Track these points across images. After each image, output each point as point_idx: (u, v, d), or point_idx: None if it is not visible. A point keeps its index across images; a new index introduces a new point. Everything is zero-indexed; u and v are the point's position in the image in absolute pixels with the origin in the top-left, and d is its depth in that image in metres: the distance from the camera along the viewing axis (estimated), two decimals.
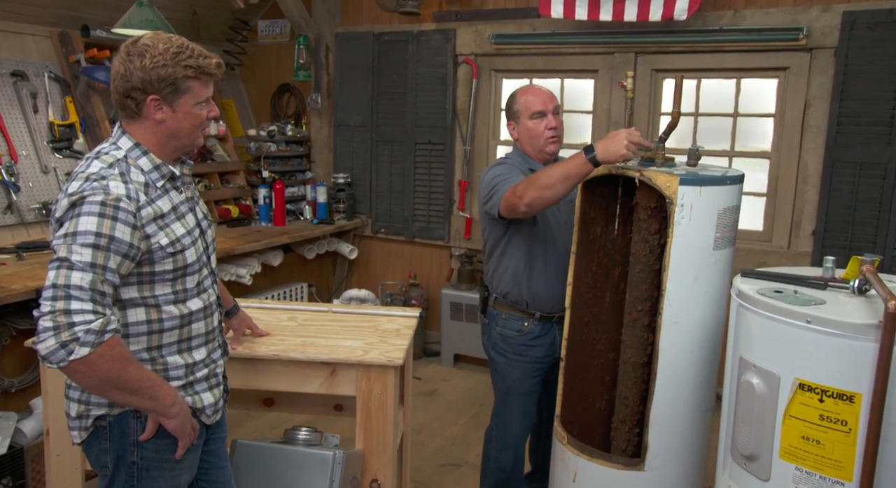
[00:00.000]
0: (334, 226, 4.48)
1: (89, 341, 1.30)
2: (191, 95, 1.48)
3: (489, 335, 2.40)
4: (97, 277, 1.34)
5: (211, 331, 1.63)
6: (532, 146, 2.31)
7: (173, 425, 1.49)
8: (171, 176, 1.53)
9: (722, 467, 1.61)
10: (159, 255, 1.46)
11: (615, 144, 1.88)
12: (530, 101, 2.29)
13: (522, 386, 2.35)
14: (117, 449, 1.52)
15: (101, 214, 1.36)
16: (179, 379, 1.55)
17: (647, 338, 2.01)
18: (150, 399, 1.44)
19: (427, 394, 3.77)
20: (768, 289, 1.51)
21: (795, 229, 3.42)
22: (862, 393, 1.28)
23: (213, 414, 1.65)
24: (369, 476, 2.16)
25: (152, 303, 1.48)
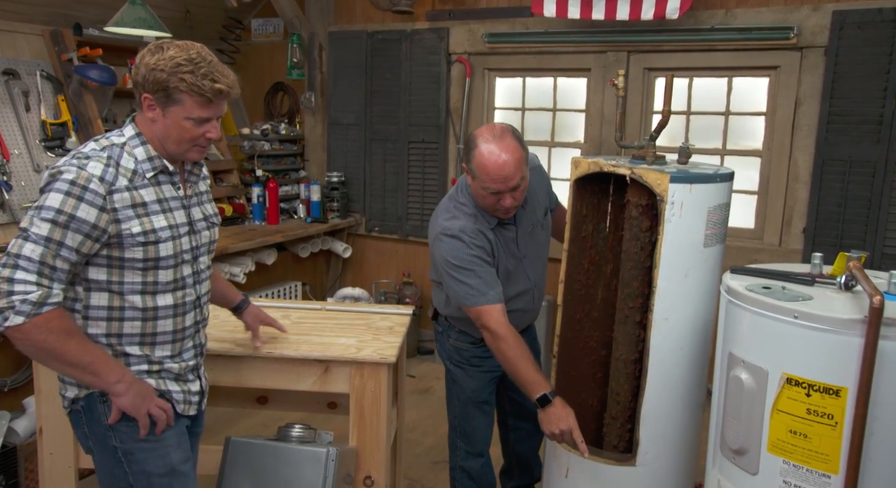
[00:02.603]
0: (328, 224, 4.49)
1: (24, 311, 1.35)
2: (181, 108, 1.49)
3: (443, 345, 2.35)
4: (48, 251, 1.38)
5: (180, 329, 1.63)
6: (483, 206, 2.04)
7: (123, 403, 1.50)
8: (162, 169, 1.55)
9: (711, 462, 1.62)
10: (129, 242, 1.48)
11: (556, 423, 1.88)
12: (488, 178, 1.93)
13: (481, 395, 2.31)
14: (95, 433, 1.55)
15: (68, 193, 1.40)
16: (141, 367, 1.56)
17: (639, 335, 2.02)
18: (91, 374, 1.46)
19: (421, 392, 3.78)
20: (757, 285, 1.52)
21: (786, 227, 3.44)
22: (848, 388, 1.30)
23: (183, 403, 1.65)
24: (363, 473, 2.17)
25: (116, 289, 1.51)
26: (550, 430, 1.89)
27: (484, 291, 1.97)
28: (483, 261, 2.00)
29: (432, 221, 2.13)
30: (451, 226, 2.01)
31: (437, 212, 2.12)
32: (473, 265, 1.98)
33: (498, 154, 1.92)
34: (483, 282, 1.97)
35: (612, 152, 3.75)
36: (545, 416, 1.90)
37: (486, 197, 1.98)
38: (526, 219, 2.17)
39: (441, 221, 2.05)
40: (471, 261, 1.98)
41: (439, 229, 2.04)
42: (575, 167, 2.10)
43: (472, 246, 1.99)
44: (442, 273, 2.04)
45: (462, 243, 1.99)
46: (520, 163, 1.94)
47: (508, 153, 1.92)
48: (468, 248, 1.99)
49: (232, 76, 1.54)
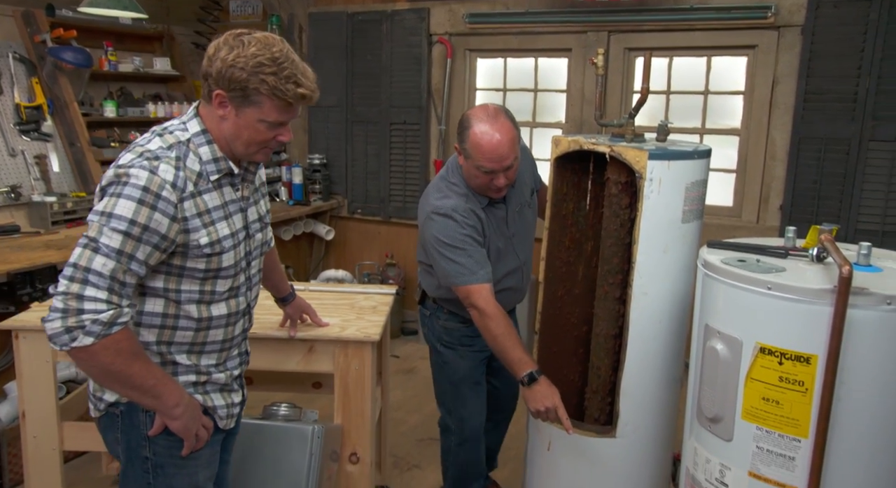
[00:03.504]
0: (310, 207, 4.48)
1: (94, 331, 1.26)
2: (258, 110, 1.37)
3: (431, 327, 2.31)
4: (120, 266, 1.28)
5: (229, 339, 1.55)
6: (475, 186, 2.06)
7: (177, 426, 1.44)
8: (228, 172, 1.45)
9: (689, 431, 1.67)
10: (195, 253, 1.39)
11: (541, 401, 1.88)
12: (483, 157, 1.94)
13: (474, 375, 2.29)
14: (129, 440, 1.48)
15: (141, 201, 1.29)
16: (189, 378, 1.50)
17: (619, 310, 2.06)
18: (152, 397, 1.39)
19: (405, 372, 3.81)
20: (732, 258, 1.56)
21: (764, 204, 3.50)
22: (818, 355, 1.34)
23: (226, 418, 1.59)
24: (348, 449, 2.20)
25: (173, 298, 1.42)
26: (535, 408, 1.90)
27: (474, 270, 1.97)
28: (474, 240, 2.00)
29: (422, 201, 2.12)
30: (442, 205, 2.01)
31: (428, 192, 2.10)
32: (465, 244, 1.98)
33: (492, 133, 1.93)
34: (473, 260, 1.97)
35: (593, 132, 3.77)
36: (531, 394, 1.91)
37: (480, 176, 1.99)
38: (515, 199, 2.19)
39: (432, 200, 2.04)
40: (462, 239, 1.98)
41: (430, 208, 2.02)
42: (555, 146, 2.12)
43: (464, 225, 1.99)
44: (432, 252, 2.03)
45: (454, 222, 1.99)
46: (513, 142, 1.96)
47: (502, 133, 1.94)
48: (460, 227, 1.99)
49: (313, 77, 1.41)
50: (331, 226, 4.67)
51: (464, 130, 1.99)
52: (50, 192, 3.61)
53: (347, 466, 2.20)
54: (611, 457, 2.02)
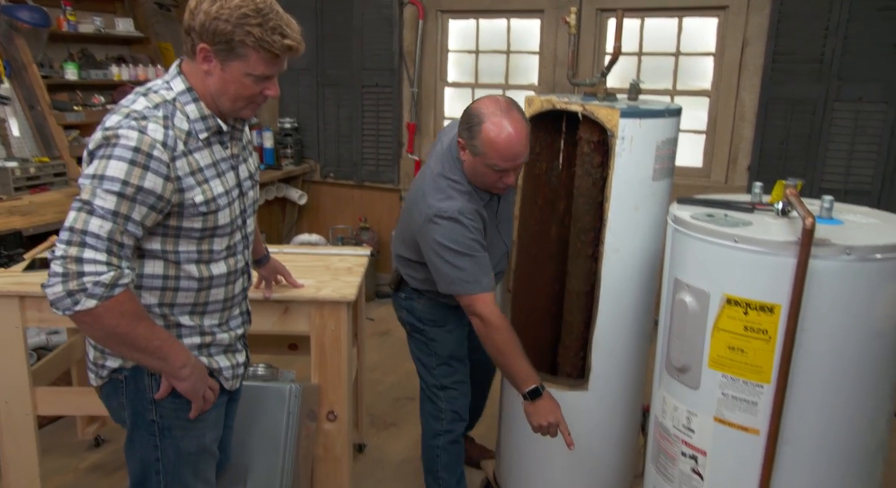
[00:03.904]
0: (282, 171, 4.44)
1: (97, 294, 1.24)
2: (244, 64, 1.34)
3: (411, 309, 2.18)
4: (117, 227, 1.27)
5: (230, 298, 1.54)
6: (480, 184, 1.93)
7: (184, 387, 1.43)
8: (217, 129, 1.42)
9: (658, 382, 1.72)
10: (190, 212, 1.37)
11: (545, 416, 1.83)
12: (497, 155, 1.81)
13: (462, 349, 2.20)
14: (134, 405, 1.47)
15: (133, 162, 1.27)
16: (193, 340, 1.49)
17: (591, 268, 2.10)
18: (159, 359, 1.38)
19: (381, 335, 3.84)
20: (701, 213, 1.59)
21: (732, 165, 3.56)
22: (781, 305, 1.39)
23: (231, 379, 1.59)
24: (326, 408, 2.22)
25: (172, 258, 1.41)
26: (539, 423, 1.84)
27: (478, 278, 1.86)
28: (480, 244, 1.88)
29: (418, 199, 1.93)
30: (447, 208, 1.86)
31: (426, 191, 1.92)
32: (471, 250, 1.85)
33: (508, 131, 1.79)
34: (478, 268, 1.86)
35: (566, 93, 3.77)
36: (535, 409, 1.84)
37: (489, 174, 1.86)
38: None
39: (434, 202, 1.87)
40: (469, 244, 1.85)
41: (433, 211, 1.86)
42: (528, 105, 2.12)
43: (472, 229, 1.86)
44: (432, 256, 1.88)
45: (461, 226, 1.85)
46: (527, 138, 1.84)
47: (518, 129, 1.81)
48: (467, 232, 1.85)
49: (298, 29, 1.39)
50: (303, 191, 4.64)
51: (473, 126, 1.82)
52: (11, 158, 3.51)
53: (325, 424, 2.24)
54: (583, 410, 2.08)
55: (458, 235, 1.85)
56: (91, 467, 2.64)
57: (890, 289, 1.40)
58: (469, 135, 1.84)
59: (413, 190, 2.03)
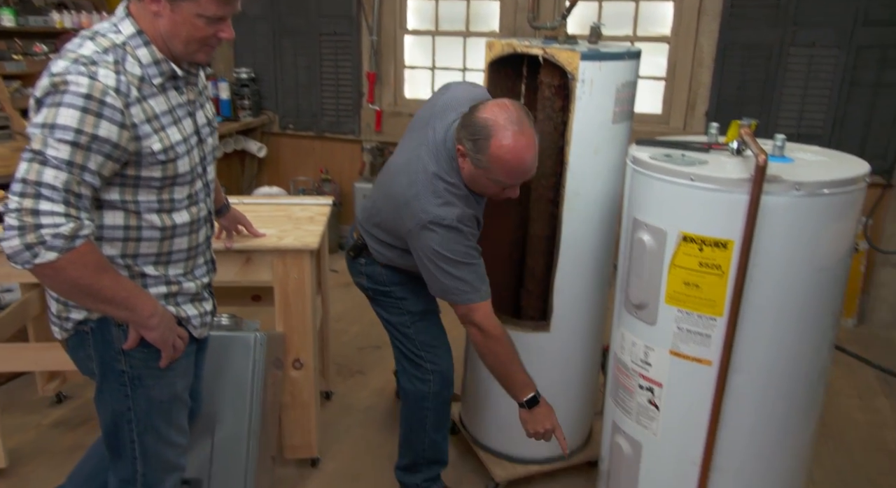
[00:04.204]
0: (240, 123, 4.33)
1: (57, 246, 1.21)
2: (194, 4, 1.29)
3: (372, 274, 2.07)
4: (73, 177, 1.22)
5: (194, 247, 1.52)
6: (478, 192, 1.83)
7: (153, 336, 1.42)
8: (171, 75, 1.37)
9: (617, 320, 1.77)
10: (148, 161, 1.33)
11: (541, 423, 1.81)
12: (506, 173, 1.71)
13: (434, 302, 2.07)
14: (102, 356, 1.45)
15: (85, 109, 1.22)
16: (159, 289, 1.47)
17: (552, 212, 2.12)
18: (126, 309, 1.36)
19: (344, 286, 3.83)
20: (659, 153, 1.62)
21: (690, 111, 3.60)
22: (734, 240, 1.43)
23: (200, 327, 1.58)
24: (291, 356, 2.24)
25: (132, 208, 1.37)
26: (535, 430, 1.82)
27: (477, 287, 1.77)
28: (477, 251, 1.80)
29: (408, 200, 1.78)
30: (445, 216, 1.73)
31: (419, 193, 1.77)
32: (469, 258, 1.76)
33: (522, 150, 1.67)
34: (476, 276, 1.77)
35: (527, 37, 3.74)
36: (532, 417, 1.81)
37: (491, 187, 1.76)
38: None
39: (431, 208, 1.74)
40: (466, 253, 1.75)
41: (429, 217, 1.73)
42: (489, 49, 2.10)
43: (470, 236, 1.77)
44: (427, 264, 1.77)
45: (461, 234, 1.74)
46: (537, 152, 1.73)
47: (530, 146, 1.68)
48: (465, 239, 1.75)
49: None
50: (262, 143, 4.55)
51: (480, 139, 1.68)
52: None
53: (291, 372, 2.25)
54: (546, 350, 2.13)
55: (456, 244, 1.74)
56: (54, 423, 2.62)
57: (836, 223, 1.45)
58: (474, 148, 1.70)
59: (400, 182, 1.83)
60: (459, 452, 2.46)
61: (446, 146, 1.80)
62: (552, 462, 2.31)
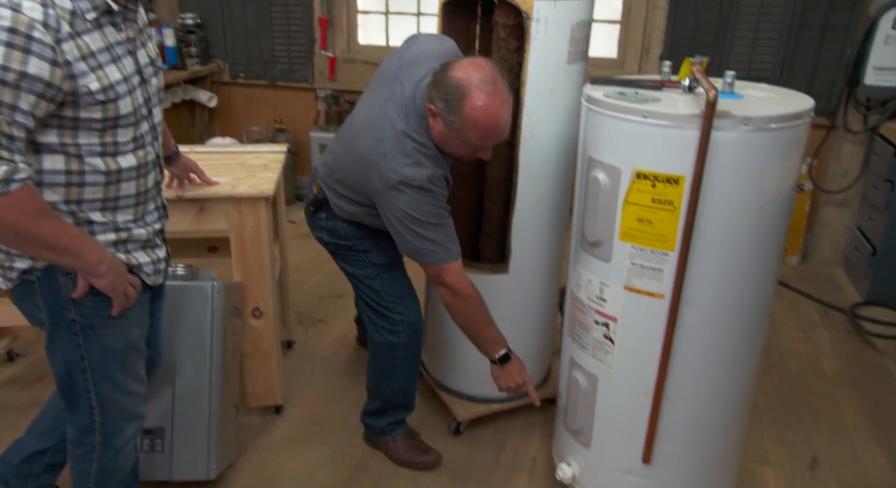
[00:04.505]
0: (188, 71, 4.18)
1: None
2: None
3: (333, 229, 2.03)
4: (3, 118, 1.16)
5: (143, 192, 1.46)
6: (449, 153, 1.80)
7: (103, 284, 1.38)
8: (105, 9, 1.29)
9: (573, 259, 1.81)
10: (86, 101, 1.27)
11: (513, 378, 1.86)
12: (479, 135, 1.68)
13: (398, 252, 2.01)
14: (51, 306, 1.41)
15: (10, 44, 1.14)
16: (108, 236, 1.42)
17: (509, 155, 2.13)
18: (71, 256, 1.32)
19: (303, 237, 3.80)
20: (613, 92, 1.63)
21: (645, 54, 3.61)
22: (685, 176, 1.46)
23: (153, 274, 1.54)
24: (251, 305, 2.23)
25: (73, 152, 1.31)
26: (508, 386, 1.85)
27: (447, 247, 1.76)
28: (447, 211, 1.78)
29: (376, 159, 1.74)
30: (416, 176, 1.70)
31: (387, 152, 1.72)
32: (440, 219, 1.74)
33: (497, 110, 1.64)
34: (447, 237, 1.76)
35: None
36: (503, 373, 1.85)
37: (463, 148, 1.74)
38: None
39: (400, 168, 1.71)
40: (436, 214, 1.74)
41: (399, 178, 1.70)
42: None
43: (440, 196, 1.74)
44: (396, 224, 1.76)
45: (431, 195, 1.72)
46: (511, 114, 1.71)
47: (505, 107, 1.66)
48: (436, 200, 1.73)
49: None
50: (212, 93, 4.40)
51: (453, 100, 1.64)
52: None
53: (251, 321, 2.25)
54: (504, 292, 2.17)
55: (426, 205, 1.72)
56: (7, 381, 2.57)
57: (782, 158, 1.49)
58: (446, 109, 1.66)
59: (366, 139, 1.77)
60: (422, 395, 2.51)
61: (416, 104, 1.75)
62: (512, 400, 2.38)
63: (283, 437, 2.32)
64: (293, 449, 2.26)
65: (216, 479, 2.04)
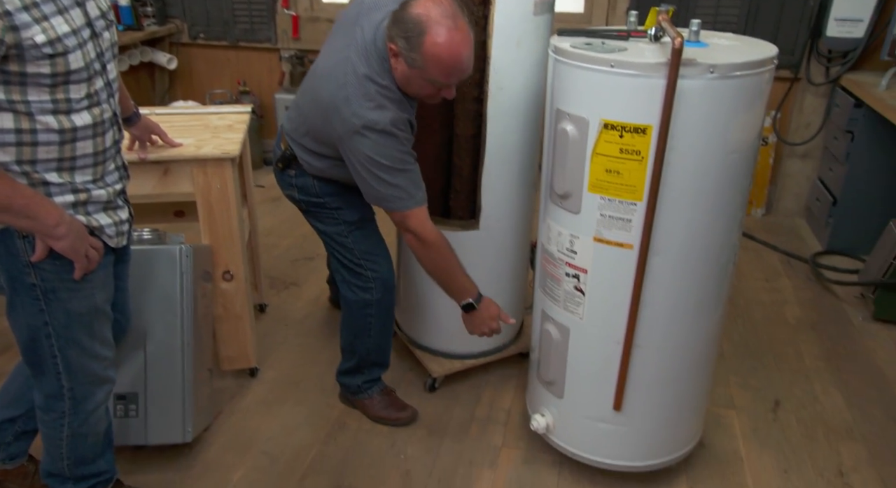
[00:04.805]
0: (144, 32, 4.03)
1: None
2: None
3: (304, 186, 2.00)
4: None
5: (101, 151, 1.42)
6: (412, 94, 1.78)
7: (62, 246, 1.34)
8: None
9: (543, 214, 1.82)
10: (33, 54, 1.21)
11: (487, 323, 1.88)
12: (441, 72, 1.66)
13: (370, 209, 2.04)
14: (9, 270, 1.38)
15: None
16: (66, 198, 1.38)
17: (477, 110, 2.11)
18: (27, 218, 1.28)
19: (272, 201, 3.77)
20: (580, 42, 1.62)
21: (612, 9, 3.58)
22: (652, 125, 1.47)
23: (116, 236, 1.50)
24: (221, 269, 2.20)
25: (23, 109, 1.26)
26: (481, 331, 1.88)
27: (412, 193, 1.74)
28: (412, 156, 1.76)
29: (338, 105, 1.71)
30: (379, 120, 1.68)
31: (349, 96, 1.70)
32: (404, 164, 1.73)
33: (458, 45, 1.62)
34: (412, 182, 1.74)
35: None
36: (476, 318, 1.87)
37: (426, 87, 1.72)
38: None
39: (363, 112, 1.68)
40: (401, 159, 1.72)
41: (362, 122, 1.68)
42: None
43: (404, 141, 1.73)
44: (360, 170, 1.73)
45: (395, 139, 1.70)
46: (473, 49, 1.69)
47: (466, 42, 1.64)
48: (400, 144, 1.71)
49: None
50: (172, 54, 4.27)
51: (413, 36, 1.62)
52: None
53: (222, 284, 2.23)
54: (476, 248, 2.18)
55: (391, 150, 1.70)
56: None
57: (747, 105, 1.51)
58: (407, 46, 1.63)
59: (328, 86, 1.75)
60: (397, 353, 2.53)
61: (376, 46, 1.72)
62: (486, 355, 2.41)
63: (259, 399, 2.33)
64: (269, 411, 2.27)
65: (193, 442, 2.04)
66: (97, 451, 1.66)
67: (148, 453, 2.06)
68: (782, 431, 2.22)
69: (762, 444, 2.16)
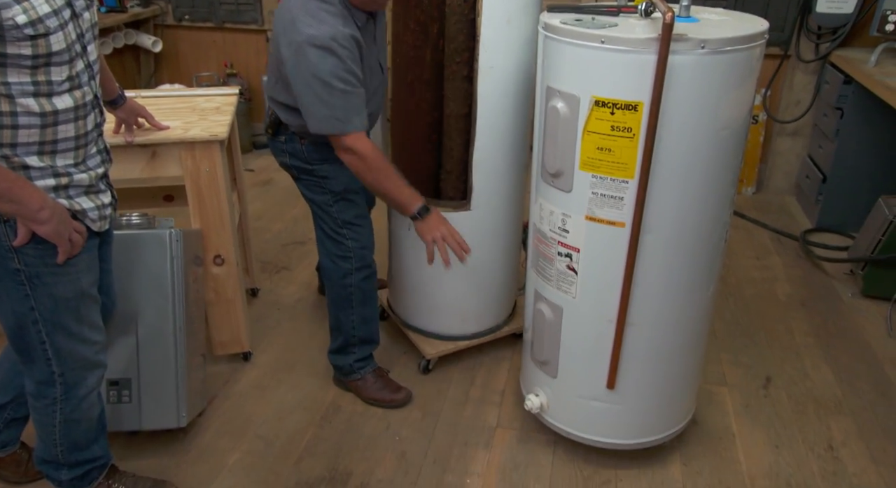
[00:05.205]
0: (128, 14, 3.97)
1: None
2: None
3: (294, 152, 2.03)
4: None
5: (83, 134, 1.40)
6: (360, 2, 1.81)
7: (45, 230, 1.33)
8: None
9: (535, 192, 1.81)
10: (13, 35, 1.20)
11: (436, 228, 1.97)
12: None
13: (357, 182, 2.02)
14: None
15: None
16: (47, 182, 1.36)
17: (467, 90, 2.09)
18: (10, 202, 1.27)
19: (262, 185, 3.75)
20: (570, 18, 1.60)
21: None
22: (643, 101, 1.46)
23: (99, 220, 1.49)
24: (211, 253, 2.19)
25: (3, 92, 1.24)
26: (433, 236, 1.97)
27: (350, 118, 1.76)
28: (355, 77, 1.75)
29: (285, 28, 1.75)
30: (319, 35, 1.69)
31: (295, 17, 1.73)
32: (345, 83, 1.73)
33: None
34: (350, 105, 1.75)
35: None
36: (425, 226, 1.96)
37: None
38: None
39: (303, 28, 1.70)
40: (342, 77, 1.72)
41: (303, 38, 1.70)
42: None
43: (345, 58, 1.72)
44: (302, 89, 1.75)
45: (334, 56, 1.70)
46: None
47: None
48: (340, 62, 1.72)
49: None
50: (157, 37, 4.21)
51: None
52: None
53: (213, 269, 2.22)
54: (468, 229, 2.16)
55: (330, 66, 1.71)
56: None
57: (737, 80, 1.50)
58: None
59: (280, 18, 1.81)
60: (390, 336, 2.53)
61: None
62: (480, 337, 2.42)
63: (252, 383, 2.32)
64: (263, 395, 2.27)
65: (187, 427, 2.04)
66: (91, 437, 1.66)
67: (142, 438, 2.06)
68: (773, 407, 2.24)
69: (754, 420, 2.18)
